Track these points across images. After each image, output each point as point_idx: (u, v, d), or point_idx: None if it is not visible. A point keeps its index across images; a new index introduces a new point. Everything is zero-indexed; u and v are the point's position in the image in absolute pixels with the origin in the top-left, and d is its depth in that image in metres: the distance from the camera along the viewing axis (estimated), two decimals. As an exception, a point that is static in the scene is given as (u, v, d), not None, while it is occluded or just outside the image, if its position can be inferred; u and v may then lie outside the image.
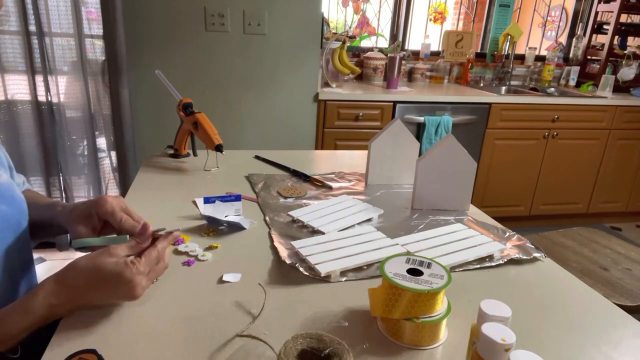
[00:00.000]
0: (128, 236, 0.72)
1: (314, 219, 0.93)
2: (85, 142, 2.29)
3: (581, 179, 2.95)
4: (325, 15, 2.91)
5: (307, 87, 2.39)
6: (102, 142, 2.32)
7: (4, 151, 0.80)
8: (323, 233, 0.87)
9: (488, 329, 0.47)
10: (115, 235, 0.74)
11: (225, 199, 0.92)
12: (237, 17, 2.21)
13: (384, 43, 3.23)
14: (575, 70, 3.23)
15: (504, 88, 3.19)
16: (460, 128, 2.60)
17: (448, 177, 1.00)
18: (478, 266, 0.79)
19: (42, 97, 2.15)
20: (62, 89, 2.17)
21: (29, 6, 2.00)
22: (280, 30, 2.27)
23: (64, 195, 2.33)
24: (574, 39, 3.36)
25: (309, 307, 0.66)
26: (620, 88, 3.02)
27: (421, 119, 2.54)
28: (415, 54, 3.14)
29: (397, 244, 0.83)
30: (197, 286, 0.70)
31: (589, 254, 1.47)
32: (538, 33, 3.69)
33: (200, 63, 2.25)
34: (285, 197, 1.05)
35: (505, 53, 3.21)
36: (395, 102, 2.50)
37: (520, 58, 3.31)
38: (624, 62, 3.07)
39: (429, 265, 0.62)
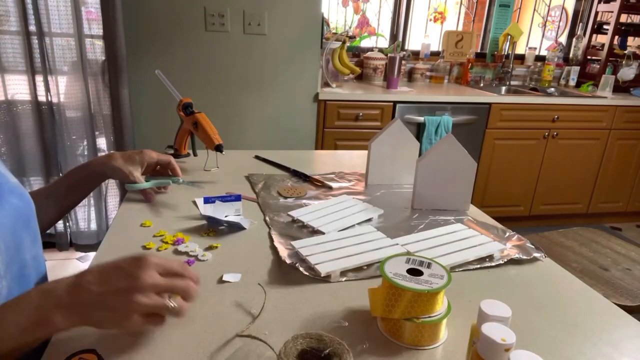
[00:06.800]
0: (171, 181, 0.96)
1: (314, 219, 0.93)
2: (85, 142, 2.29)
3: (581, 179, 2.95)
4: (325, 15, 2.91)
5: (307, 87, 2.39)
6: (102, 142, 2.32)
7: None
8: (323, 233, 0.87)
9: (488, 329, 0.47)
10: (161, 179, 0.97)
11: (225, 199, 0.92)
12: (237, 17, 2.21)
13: (384, 43, 3.23)
14: (575, 70, 3.23)
15: (504, 88, 3.19)
16: (460, 128, 2.60)
17: (448, 177, 1.00)
18: (478, 266, 0.79)
19: (42, 97, 2.15)
20: (62, 89, 2.17)
21: (29, 6, 2.00)
22: (280, 30, 2.27)
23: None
24: (574, 39, 3.36)
25: (309, 307, 0.66)
26: (620, 88, 3.02)
27: (421, 119, 2.54)
28: (415, 54, 3.14)
29: (397, 244, 0.83)
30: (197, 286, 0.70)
31: (589, 254, 1.47)
32: (538, 33, 3.68)
33: (200, 63, 2.25)
34: (285, 197, 1.05)
35: (505, 53, 3.21)
36: (395, 102, 2.50)
37: (520, 58, 3.31)
38: (624, 62, 3.07)
39: (429, 265, 0.62)
